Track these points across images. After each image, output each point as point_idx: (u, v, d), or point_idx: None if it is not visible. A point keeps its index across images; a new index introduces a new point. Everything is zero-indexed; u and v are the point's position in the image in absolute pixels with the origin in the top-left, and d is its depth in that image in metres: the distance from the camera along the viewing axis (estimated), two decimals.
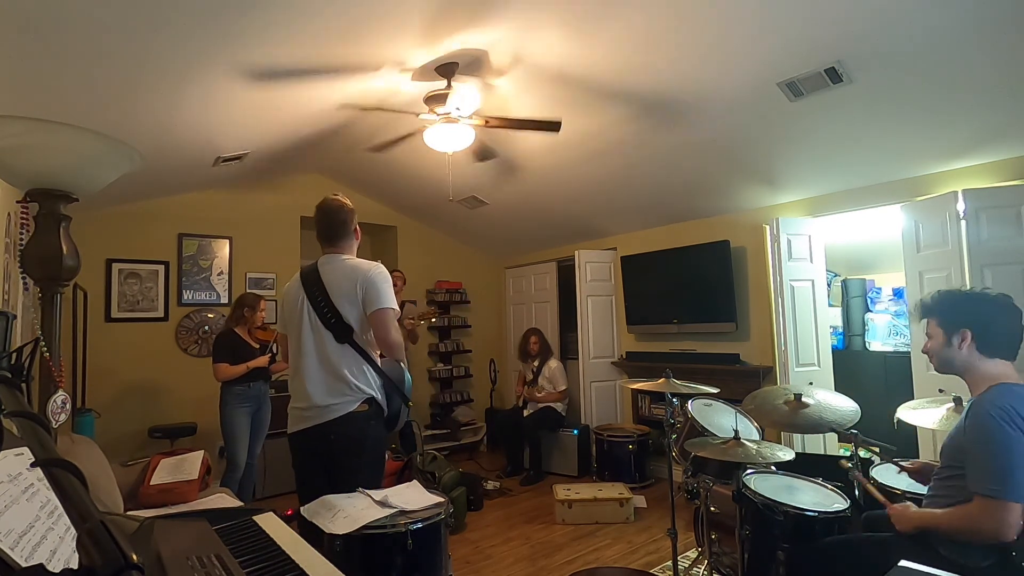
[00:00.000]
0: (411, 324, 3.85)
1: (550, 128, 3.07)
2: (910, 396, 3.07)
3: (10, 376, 0.75)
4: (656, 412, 4.75)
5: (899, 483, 2.17)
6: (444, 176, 4.29)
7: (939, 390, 2.85)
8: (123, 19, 1.89)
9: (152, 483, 2.69)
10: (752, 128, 3.23)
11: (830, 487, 2.16)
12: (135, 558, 0.38)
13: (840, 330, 4.53)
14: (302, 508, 1.75)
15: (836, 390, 3.20)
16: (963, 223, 3.01)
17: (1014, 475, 1.42)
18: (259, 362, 3.59)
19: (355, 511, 1.68)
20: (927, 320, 1.74)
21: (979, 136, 2.91)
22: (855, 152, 3.28)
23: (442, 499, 1.84)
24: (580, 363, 5.19)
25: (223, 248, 4.74)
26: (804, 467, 2.36)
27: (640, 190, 4.33)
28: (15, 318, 1.24)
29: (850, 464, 2.07)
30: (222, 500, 2.72)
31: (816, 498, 2.09)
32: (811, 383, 3.58)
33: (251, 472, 3.67)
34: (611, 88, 3.02)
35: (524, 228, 5.60)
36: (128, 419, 4.15)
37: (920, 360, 3.22)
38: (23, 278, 2.55)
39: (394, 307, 2.04)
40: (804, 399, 2.44)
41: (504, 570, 3.07)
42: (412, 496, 1.83)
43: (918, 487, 2.04)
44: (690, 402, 2.89)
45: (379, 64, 2.78)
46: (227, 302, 4.63)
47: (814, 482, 2.22)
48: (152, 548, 0.80)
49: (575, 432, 4.88)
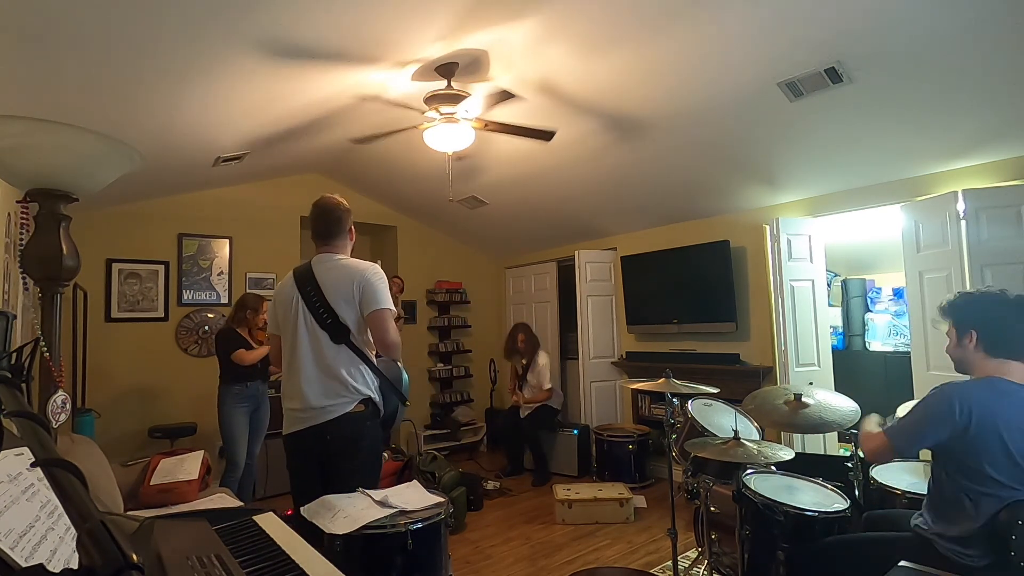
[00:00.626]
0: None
1: (542, 136, 3.18)
2: (910, 396, 3.07)
3: (10, 376, 0.75)
4: (656, 412, 4.75)
5: (899, 483, 2.17)
6: (444, 176, 4.29)
7: None
8: (123, 19, 1.89)
9: (152, 483, 2.69)
10: (752, 128, 3.23)
11: (830, 487, 2.16)
12: (135, 558, 0.38)
13: (840, 330, 4.53)
14: (302, 508, 1.74)
15: (836, 390, 3.20)
16: (963, 223, 3.00)
17: (907, 431, 1.66)
18: (264, 350, 3.56)
19: (355, 511, 1.68)
20: (947, 322, 1.75)
21: (979, 136, 2.91)
22: (855, 152, 3.28)
23: (442, 499, 1.84)
24: (580, 363, 5.19)
25: (223, 248, 4.74)
26: (804, 467, 2.36)
27: (640, 190, 4.33)
28: (15, 318, 1.24)
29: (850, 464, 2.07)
30: (222, 500, 2.72)
31: (816, 498, 2.09)
32: (811, 383, 3.56)
33: (251, 472, 3.68)
34: (611, 89, 3.02)
35: (524, 228, 5.59)
36: (128, 419, 4.15)
37: (920, 360, 3.22)
38: (23, 278, 2.55)
39: (391, 307, 2.04)
40: (804, 399, 2.44)
41: (504, 570, 3.07)
42: (412, 496, 1.83)
43: (918, 487, 2.05)
44: (690, 402, 2.89)
45: (385, 58, 2.72)
46: (227, 302, 4.63)
47: (814, 482, 2.22)
48: (152, 548, 0.80)
49: (575, 432, 4.88)
